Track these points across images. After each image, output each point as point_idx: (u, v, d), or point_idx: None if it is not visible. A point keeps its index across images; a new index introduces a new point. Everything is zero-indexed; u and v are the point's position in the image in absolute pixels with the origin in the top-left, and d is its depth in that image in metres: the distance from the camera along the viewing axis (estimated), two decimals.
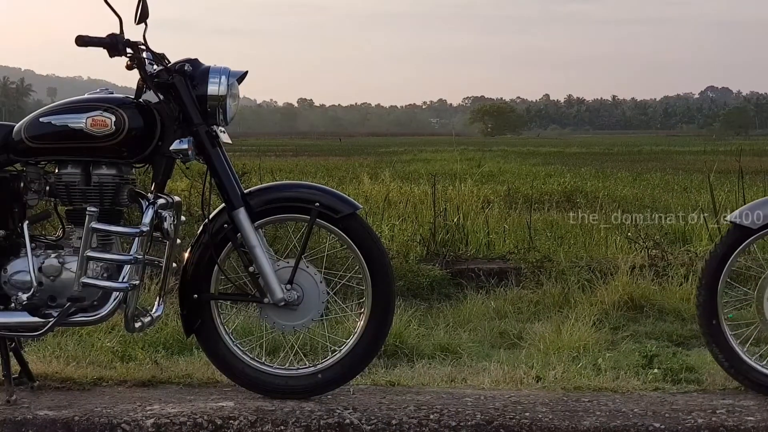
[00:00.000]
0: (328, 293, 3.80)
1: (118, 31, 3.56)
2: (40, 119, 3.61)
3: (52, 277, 3.58)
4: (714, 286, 3.86)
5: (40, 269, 3.59)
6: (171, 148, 3.55)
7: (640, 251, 6.86)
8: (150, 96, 3.67)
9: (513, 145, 52.48)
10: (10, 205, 3.70)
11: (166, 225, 3.63)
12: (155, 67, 3.64)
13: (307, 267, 3.72)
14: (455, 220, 7.90)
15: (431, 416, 3.56)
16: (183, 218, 3.89)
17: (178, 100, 3.60)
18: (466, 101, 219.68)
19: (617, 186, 16.12)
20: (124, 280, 3.54)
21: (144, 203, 3.58)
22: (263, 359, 3.90)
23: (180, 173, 6.05)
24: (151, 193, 3.61)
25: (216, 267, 3.74)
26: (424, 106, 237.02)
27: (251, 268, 3.69)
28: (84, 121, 3.53)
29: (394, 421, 3.52)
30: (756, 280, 3.98)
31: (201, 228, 3.78)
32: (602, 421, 3.54)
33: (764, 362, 3.91)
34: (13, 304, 3.60)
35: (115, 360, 4.40)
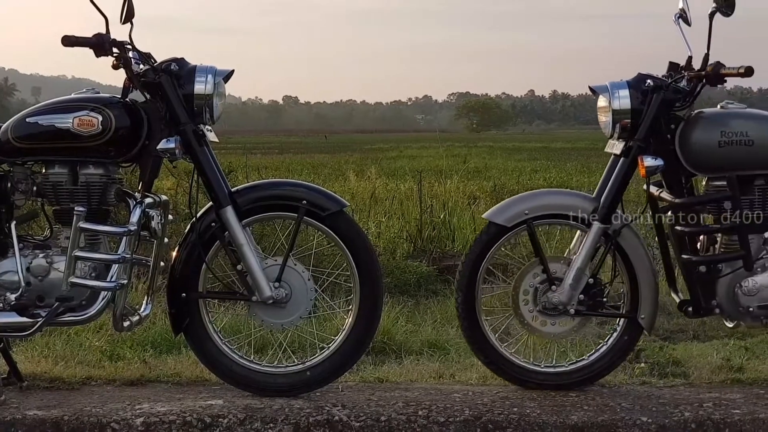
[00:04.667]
0: (316, 291, 3.81)
1: (104, 31, 3.55)
2: (27, 119, 3.60)
3: (40, 277, 3.58)
4: (472, 283, 3.89)
5: (28, 269, 3.58)
6: (158, 147, 3.55)
7: None
8: (137, 95, 3.67)
9: (498, 141, 52.42)
10: None
11: (153, 224, 3.63)
12: (141, 66, 3.64)
13: (295, 265, 3.73)
14: (441, 217, 7.90)
15: (420, 412, 3.57)
16: (170, 217, 3.89)
17: (165, 99, 3.60)
18: (452, 97, 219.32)
19: None
20: (112, 280, 3.54)
21: (131, 202, 3.59)
22: (252, 357, 3.91)
23: (166, 172, 6.04)
24: (139, 192, 3.61)
25: (204, 266, 3.74)
26: (409, 103, 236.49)
27: (239, 267, 3.70)
28: (71, 120, 3.53)
29: (382, 418, 3.54)
30: (513, 275, 4.00)
31: (188, 227, 3.78)
32: (590, 416, 3.56)
33: (522, 356, 3.98)
34: (1, 305, 3.59)
35: (103, 359, 4.41)
